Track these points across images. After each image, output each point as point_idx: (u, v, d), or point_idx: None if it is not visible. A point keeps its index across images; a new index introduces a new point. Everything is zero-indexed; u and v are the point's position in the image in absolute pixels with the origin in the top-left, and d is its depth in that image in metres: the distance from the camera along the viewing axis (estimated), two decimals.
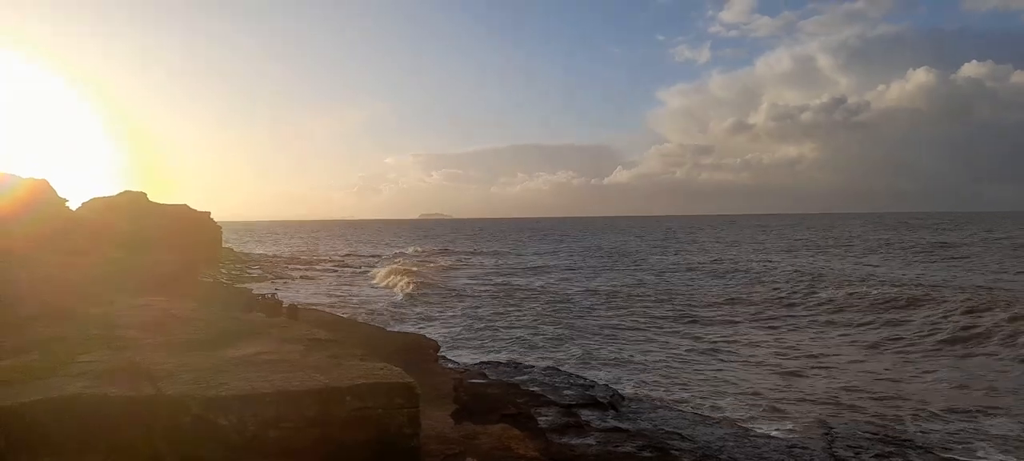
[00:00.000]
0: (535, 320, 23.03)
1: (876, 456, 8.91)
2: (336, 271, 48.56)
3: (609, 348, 18.47)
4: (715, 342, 19.08)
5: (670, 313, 24.51)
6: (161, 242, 35.45)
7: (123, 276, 14.60)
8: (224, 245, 56.61)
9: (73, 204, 35.01)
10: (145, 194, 43.61)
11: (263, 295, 11.80)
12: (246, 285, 27.13)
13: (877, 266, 42.10)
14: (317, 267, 52.13)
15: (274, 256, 58.74)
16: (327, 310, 15.29)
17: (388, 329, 11.28)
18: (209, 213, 50.56)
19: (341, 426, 4.58)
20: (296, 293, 30.25)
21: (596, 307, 26.70)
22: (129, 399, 4.63)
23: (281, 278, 41.79)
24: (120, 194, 42.02)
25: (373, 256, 64.73)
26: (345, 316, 13.40)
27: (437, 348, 9.46)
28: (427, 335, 10.59)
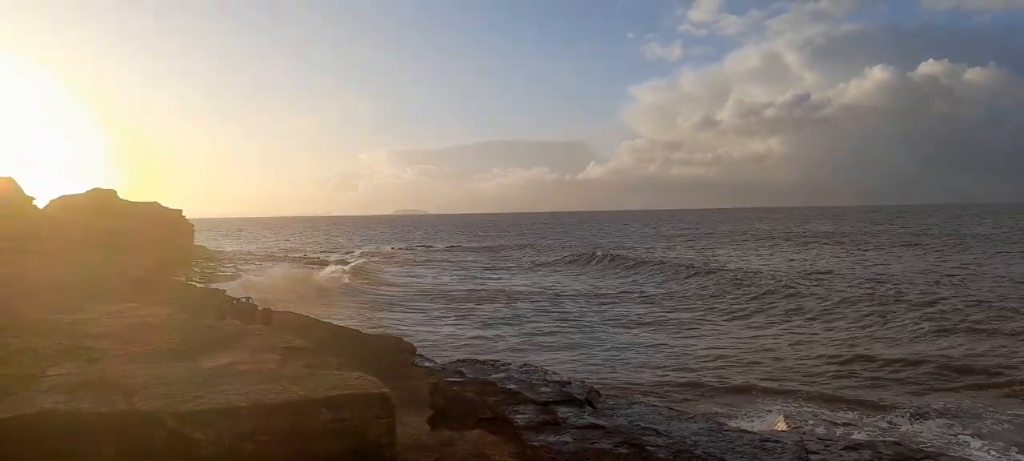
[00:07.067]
0: (517, 317, 23.20)
1: (845, 448, 9.11)
2: (313, 266, 48.18)
3: (589, 342, 18.66)
4: (691, 338, 19.35)
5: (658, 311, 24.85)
6: (132, 241, 34.87)
7: (93, 280, 14.29)
8: (196, 243, 55.82)
9: (40, 202, 34.29)
10: (115, 191, 42.85)
11: (237, 299, 11.75)
12: (219, 285, 26.88)
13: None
14: (289, 262, 51.66)
15: (247, 253, 58.09)
16: (301, 313, 15.29)
17: (363, 332, 11.33)
18: (181, 211, 49.80)
19: (317, 438, 4.59)
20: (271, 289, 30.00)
21: (585, 307, 26.91)
22: (101, 415, 4.58)
23: (254, 274, 41.33)
24: (89, 192, 41.22)
25: (349, 252, 64.25)
26: (320, 319, 13.37)
27: (413, 351, 9.50)
28: (404, 336, 10.64)
